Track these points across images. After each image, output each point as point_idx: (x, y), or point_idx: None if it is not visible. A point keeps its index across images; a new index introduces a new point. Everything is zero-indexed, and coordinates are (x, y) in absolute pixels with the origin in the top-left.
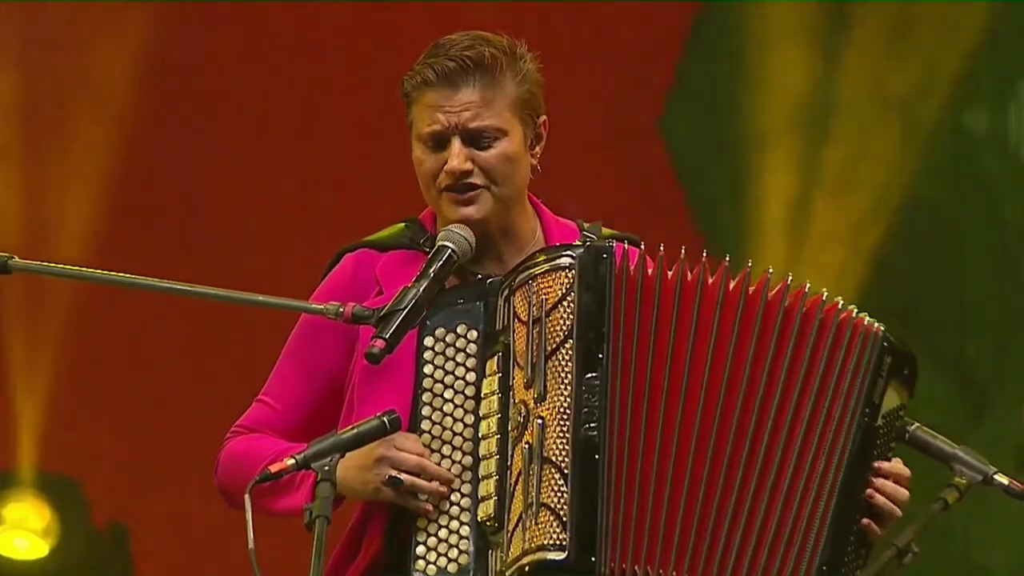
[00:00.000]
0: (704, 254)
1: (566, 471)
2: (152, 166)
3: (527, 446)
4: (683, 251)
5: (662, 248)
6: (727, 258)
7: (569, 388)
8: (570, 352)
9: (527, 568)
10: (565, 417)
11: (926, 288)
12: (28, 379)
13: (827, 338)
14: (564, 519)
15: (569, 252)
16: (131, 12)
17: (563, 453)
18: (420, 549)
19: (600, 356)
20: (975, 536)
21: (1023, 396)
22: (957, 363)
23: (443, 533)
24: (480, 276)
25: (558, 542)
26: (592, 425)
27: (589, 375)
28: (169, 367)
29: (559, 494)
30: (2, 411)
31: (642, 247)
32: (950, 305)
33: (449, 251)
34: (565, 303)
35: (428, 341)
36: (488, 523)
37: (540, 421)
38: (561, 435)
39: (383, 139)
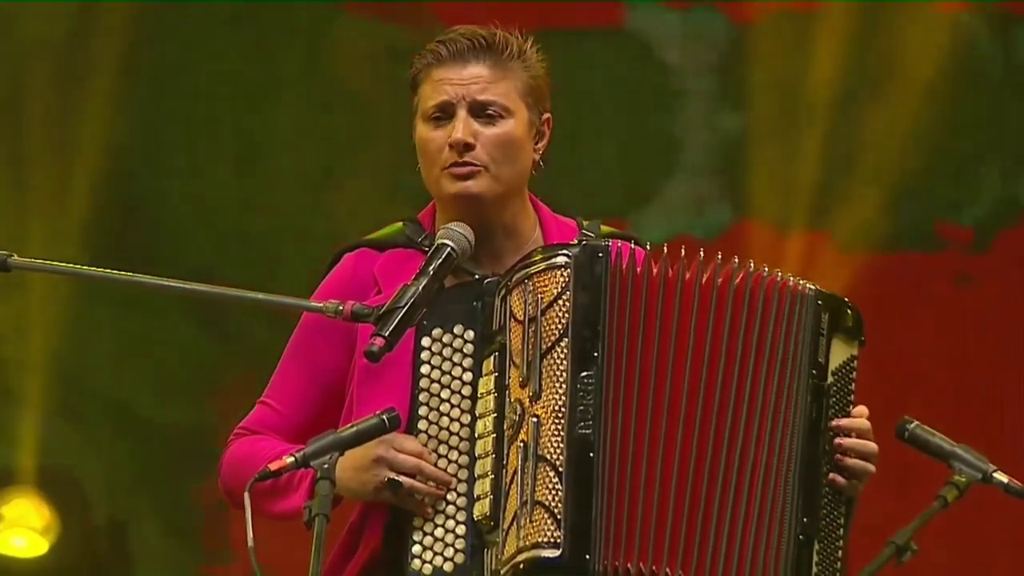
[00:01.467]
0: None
1: (561, 469)
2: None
3: (522, 445)
4: (664, 248)
5: (649, 245)
6: (701, 252)
7: (564, 387)
8: (565, 351)
9: (522, 566)
10: (560, 416)
11: None
12: (29, 375)
13: (765, 311)
14: (559, 517)
15: (565, 251)
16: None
17: (558, 451)
18: (416, 548)
19: (595, 355)
20: None
21: None
22: None
23: (439, 532)
24: (477, 276)
25: (553, 540)
26: (587, 424)
27: (584, 374)
28: (171, 364)
29: (554, 492)
30: (2, 408)
31: (633, 244)
32: None
33: (448, 249)
34: (561, 302)
35: (425, 341)
36: (484, 522)
37: (535, 420)
38: (556, 433)
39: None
